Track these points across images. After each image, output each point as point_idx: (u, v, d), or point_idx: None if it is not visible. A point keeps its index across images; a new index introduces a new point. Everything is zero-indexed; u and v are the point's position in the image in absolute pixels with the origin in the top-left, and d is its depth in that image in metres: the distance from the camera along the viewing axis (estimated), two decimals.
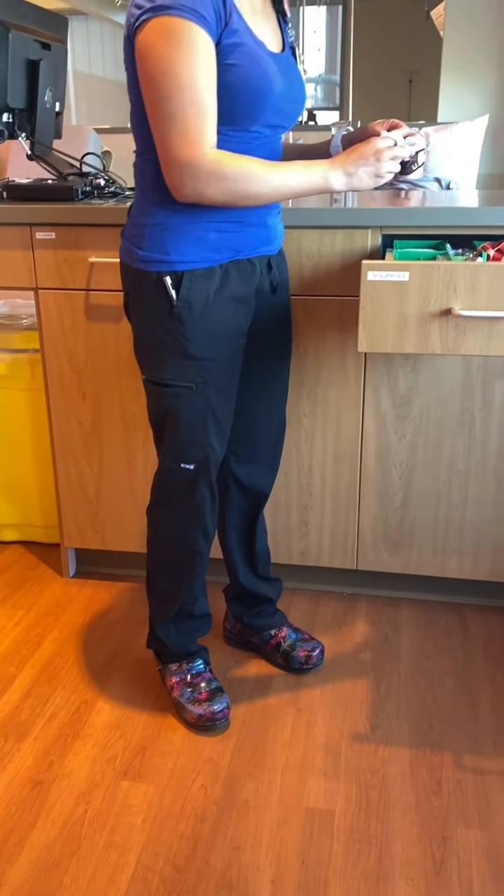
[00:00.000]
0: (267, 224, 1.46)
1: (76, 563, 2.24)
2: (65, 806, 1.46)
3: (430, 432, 1.86)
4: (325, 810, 1.44)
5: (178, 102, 1.22)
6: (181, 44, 1.20)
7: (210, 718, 1.62)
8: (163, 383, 1.46)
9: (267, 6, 1.40)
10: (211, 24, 1.22)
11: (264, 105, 1.31)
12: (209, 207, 1.35)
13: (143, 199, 1.40)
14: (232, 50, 1.25)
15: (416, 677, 1.79)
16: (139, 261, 1.40)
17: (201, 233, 1.37)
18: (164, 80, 1.22)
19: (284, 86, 1.34)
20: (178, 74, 1.21)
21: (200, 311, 1.41)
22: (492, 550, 1.94)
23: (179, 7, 1.19)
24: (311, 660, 1.79)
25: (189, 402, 1.46)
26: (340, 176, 1.31)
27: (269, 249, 1.50)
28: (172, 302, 1.39)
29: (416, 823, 1.41)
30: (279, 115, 1.36)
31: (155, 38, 1.21)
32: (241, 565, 1.79)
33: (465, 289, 1.28)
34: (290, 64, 1.39)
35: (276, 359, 1.63)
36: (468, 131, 3.63)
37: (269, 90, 1.30)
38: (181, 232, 1.37)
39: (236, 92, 1.27)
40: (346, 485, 1.95)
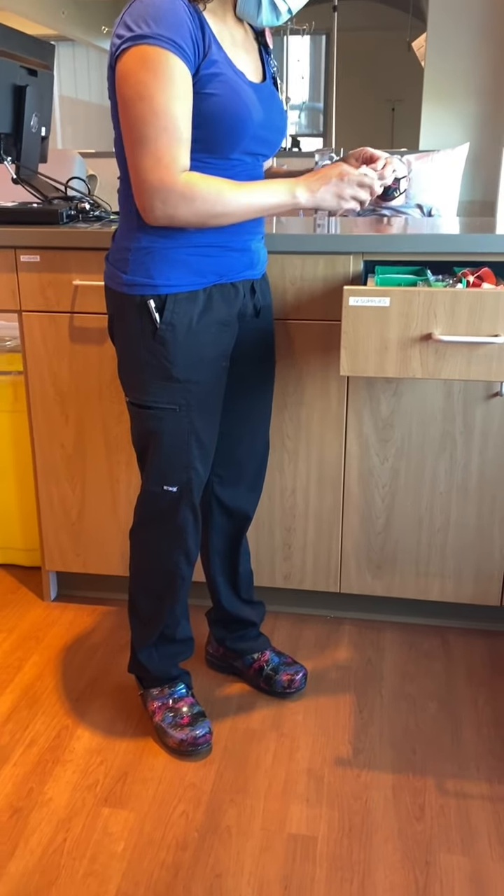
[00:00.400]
0: (250, 249, 1.48)
1: (57, 587, 2.22)
2: (44, 834, 1.44)
3: (412, 456, 1.87)
4: (307, 836, 1.43)
5: (153, 127, 1.24)
6: (158, 71, 1.23)
7: (192, 743, 1.60)
8: (146, 405, 1.47)
9: (248, 38, 1.43)
10: (188, 54, 1.24)
11: (243, 133, 1.33)
12: (192, 232, 1.37)
13: (128, 223, 1.41)
14: (210, 79, 1.28)
15: (399, 701, 1.78)
16: (123, 284, 1.41)
17: (185, 257, 1.39)
18: (140, 105, 1.24)
19: (264, 115, 1.36)
20: (153, 100, 1.23)
21: (184, 334, 1.41)
22: (473, 573, 1.94)
23: (157, 37, 1.22)
24: (294, 684, 1.78)
25: (172, 425, 1.47)
26: (305, 192, 1.34)
27: (253, 274, 1.51)
28: (156, 325, 1.40)
29: (399, 849, 1.40)
30: (259, 143, 1.39)
31: (133, 66, 1.24)
32: (223, 588, 1.78)
33: (445, 314, 1.30)
34: (270, 94, 1.42)
35: (259, 382, 1.64)
36: (449, 159, 3.70)
37: (248, 119, 1.32)
38: (164, 256, 1.38)
39: (215, 120, 1.30)
40: (329, 507, 1.95)
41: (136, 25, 1.23)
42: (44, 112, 2.10)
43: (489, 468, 1.85)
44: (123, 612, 2.14)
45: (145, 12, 1.23)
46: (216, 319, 1.45)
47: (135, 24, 1.23)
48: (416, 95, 4.31)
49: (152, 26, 1.22)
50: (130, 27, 1.24)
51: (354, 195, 1.35)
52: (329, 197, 1.35)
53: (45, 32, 6.99)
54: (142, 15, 1.23)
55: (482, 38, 4.04)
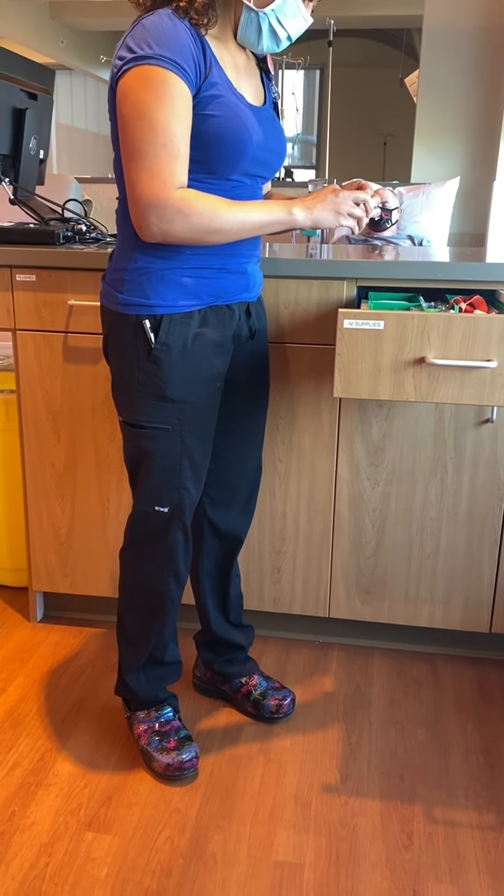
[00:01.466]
0: (246, 272, 1.49)
1: (44, 608, 2.20)
2: (25, 859, 1.41)
3: (403, 480, 1.88)
4: (294, 864, 1.41)
5: (151, 144, 1.26)
6: (158, 91, 1.25)
7: (178, 768, 1.58)
8: (139, 425, 1.47)
9: (251, 64, 1.46)
10: (190, 75, 1.27)
11: (242, 154, 1.35)
12: (188, 253, 1.38)
13: (125, 244, 1.42)
14: (211, 101, 1.30)
15: (388, 727, 1.77)
16: (119, 304, 1.42)
17: (181, 278, 1.40)
18: (140, 122, 1.26)
19: (263, 137, 1.39)
20: (152, 118, 1.25)
21: (178, 355, 1.42)
22: (463, 600, 1.94)
23: (159, 57, 1.24)
24: (281, 709, 1.77)
25: (164, 445, 1.47)
26: (302, 211, 1.36)
27: (249, 296, 1.52)
28: (151, 345, 1.41)
29: (387, 878, 1.38)
30: (258, 165, 1.41)
31: (133, 84, 1.26)
32: (213, 611, 1.77)
33: (439, 338, 1.32)
34: (270, 117, 1.44)
35: (253, 404, 1.65)
36: (440, 192, 3.76)
37: (248, 140, 1.34)
38: (161, 277, 1.39)
39: (214, 141, 1.31)
40: (319, 531, 1.95)
41: (139, 47, 1.25)
42: (42, 135, 2.12)
43: (479, 494, 1.85)
44: (110, 633, 2.12)
45: (148, 35, 1.25)
46: (211, 340, 1.46)
47: (137, 45, 1.26)
48: (407, 130, 4.40)
49: (154, 48, 1.24)
50: (133, 49, 1.26)
51: (350, 212, 1.37)
52: (327, 214, 1.36)
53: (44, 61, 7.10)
54: (144, 37, 1.25)
55: (473, 75, 4.13)
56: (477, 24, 4.04)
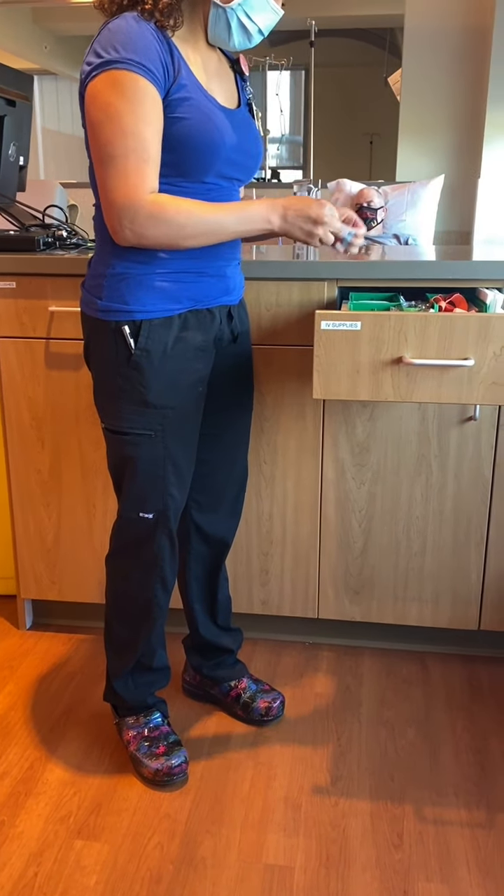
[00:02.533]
0: (226, 275, 1.49)
1: (33, 615, 2.20)
2: (14, 868, 1.40)
3: (389, 479, 1.88)
4: (284, 867, 1.40)
5: (121, 148, 1.26)
6: (126, 94, 1.24)
7: (167, 773, 1.58)
8: (122, 431, 1.46)
9: (223, 65, 1.45)
10: (158, 77, 1.26)
11: (215, 156, 1.34)
12: (167, 257, 1.37)
13: (103, 249, 1.42)
14: (180, 103, 1.29)
15: (378, 727, 1.77)
16: (98, 310, 1.42)
17: (160, 283, 1.39)
18: (109, 126, 1.25)
19: (237, 139, 1.38)
20: (122, 122, 1.25)
21: (159, 360, 1.42)
22: (451, 597, 1.94)
23: (126, 61, 1.24)
24: (271, 711, 1.76)
25: (148, 451, 1.46)
26: (278, 218, 1.35)
27: (230, 300, 1.52)
28: (131, 350, 1.40)
29: (377, 878, 1.38)
30: (233, 167, 1.40)
31: (101, 89, 1.25)
32: (201, 615, 1.77)
33: (416, 338, 1.32)
34: (244, 119, 1.44)
35: (237, 407, 1.64)
36: (425, 190, 3.76)
37: (219, 142, 1.34)
38: (140, 282, 1.39)
39: (186, 143, 1.31)
40: (306, 532, 1.95)
41: (105, 51, 1.25)
42: (22, 141, 2.12)
43: (464, 491, 1.86)
44: (100, 640, 2.11)
45: (114, 38, 1.25)
46: (192, 345, 1.45)
47: (104, 50, 1.25)
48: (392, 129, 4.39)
49: (121, 51, 1.24)
50: (100, 54, 1.25)
51: (323, 238, 1.37)
52: (299, 232, 1.36)
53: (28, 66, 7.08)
54: (110, 41, 1.25)
55: (455, 73, 4.13)
56: (458, 22, 4.04)
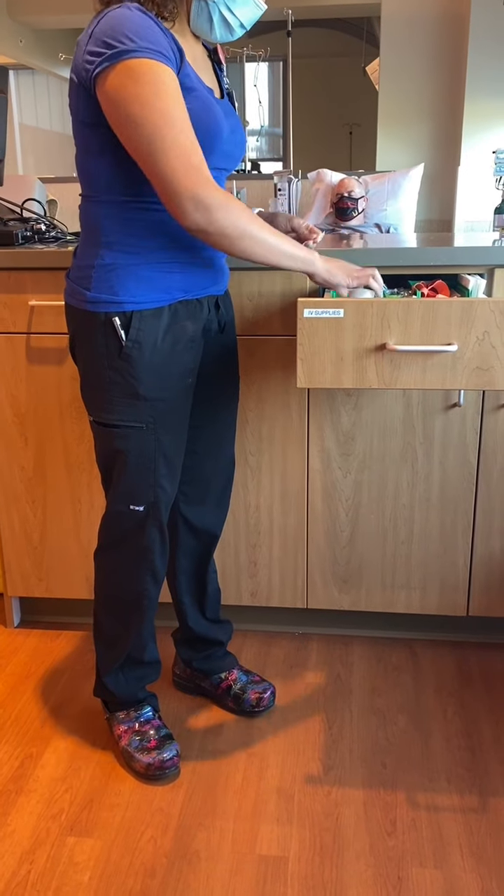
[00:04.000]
0: (214, 265, 1.47)
1: (21, 613, 2.18)
2: (7, 867, 1.39)
3: (375, 468, 1.88)
4: (278, 857, 1.40)
5: (169, 135, 1.22)
6: (151, 82, 1.20)
7: (159, 767, 1.57)
8: (112, 424, 1.45)
9: (204, 56, 1.44)
10: (173, 61, 1.24)
11: (214, 146, 1.34)
12: (155, 247, 1.36)
13: (90, 240, 1.39)
14: (186, 94, 1.27)
15: (369, 715, 1.77)
16: (87, 302, 1.39)
17: (149, 273, 1.38)
18: (149, 115, 1.20)
19: (228, 130, 1.38)
20: (160, 108, 1.21)
21: (150, 351, 1.40)
22: (439, 584, 1.95)
23: (141, 49, 1.20)
24: (262, 702, 1.76)
25: (139, 443, 1.45)
26: (322, 262, 1.41)
27: (217, 290, 1.51)
28: (122, 342, 1.38)
29: (371, 866, 1.38)
30: (225, 157, 1.40)
31: (123, 81, 1.20)
32: (190, 609, 1.76)
33: (399, 324, 1.31)
34: (229, 109, 1.43)
35: (224, 398, 1.63)
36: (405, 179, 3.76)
37: (220, 133, 1.33)
38: (129, 273, 1.37)
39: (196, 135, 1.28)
40: (293, 523, 1.94)
41: (116, 41, 1.20)
42: None
43: (450, 478, 1.86)
44: (88, 636, 2.10)
45: (122, 27, 1.20)
46: (182, 336, 1.44)
47: (113, 40, 1.20)
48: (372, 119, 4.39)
49: (136, 40, 1.19)
50: (110, 44, 1.20)
51: (361, 282, 1.45)
52: (341, 275, 1.43)
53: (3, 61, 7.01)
54: (118, 30, 1.20)
55: (433, 61, 4.13)
56: (435, 10, 4.04)
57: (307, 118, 8.00)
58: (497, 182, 2.32)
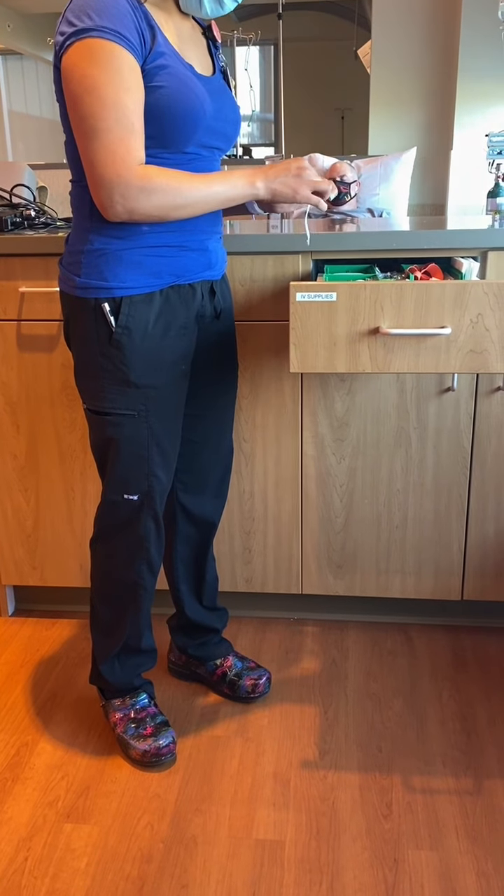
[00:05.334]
0: (208, 249, 1.46)
1: (15, 601, 2.18)
2: (4, 854, 1.40)
3: (369, 454, 1.87)
4: (274, 841, 1.41)
5: (104, 121, 1.22)
6: (104, 63, 1.20)
7: (155, 754, 1.57)
8: (104, 412, 1.44)
9: (196, 33, 1.42)
10: (134, 45, 1.23)
11: (195, 125, 1.32)
12: (146, 232, 1.34)
13: (80, 225, 1.38)
14: (158, 72, 1.26)
15: (364, 700, 1.77)
16: (77, 288, 1.38)
17: (140, 258, 1.36)
18: (89, 99, 1.22)
19: (215, 107, 1.35)
20: (102, 94, 1.21)
21: (140, 338, 1.39)
22: (433, 569, 1.95)
23: (100, 28, 1.20)
24: (257, 688, 1.76)
25: (131, 431, 1.44)
26: (263, 182, 1.33)
27: (212, 275, 1.49)
28: (111, 328, 1.37)
29: (368, 848, 1.39)
30: (213, 135, 1.37)
31: (78, 60, 1.21)
32: (187, 596, 1.76)
33: (392, 307, 1.30)
34: (221, 87, 1.41)
35: (221, 386, 1.62)
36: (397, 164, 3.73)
37: (199, 110, 1.31)
38: (119, 258, 1.35)
39: (165, 113, 1.28)
40: (288, 509, 1.94)
41: (79, 19, 1.21)
42: None
43: (444, 463, 1.85)
44: (83, 623, 2.10)
45: (86, 5, 1.21)
46: (174, 322, 1.42)
47: (77, 18, 1.21)
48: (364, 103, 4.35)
49: (95, 19, 1.20)
50: (73, 22, 1.22)
51: (306, 198, 1.35)
52: (286, 191, 1.34)
53: None
54: (83, 8, 1.21)
55: (426, 44, 4.10)
56: None
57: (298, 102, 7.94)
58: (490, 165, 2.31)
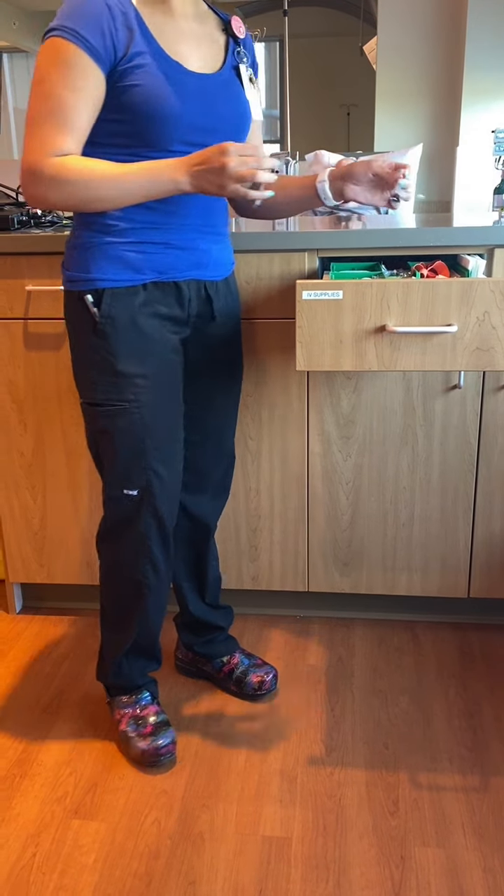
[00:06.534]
0: (198, 248, 1.44)
1: (22, 599, 2.18)
2: (12, 850, 1.40)
3: (375, 451, 1.87)
4: (281, 838, 1.41)
5: (40, 114, 1.25)
6: (56, 61, 1.24)
7: (154, 754, 1.57)
8: (96, 403, 1.44)
9: (205, 28, 1.41)
10: (94, 46, 1.24)
11: (172, 123, 1.30)
12: (128, 226, 1.36)
13: (75, 221, 1.42)
14: (133, 70, 1.27)
15: (371, 697, 1.78)
16: (67, 281, 1.41)
17: (122, 253, 1.37)
18: (35, 92, 1.26)
19: (205, 104, 1.34)
20: (46, 88, 1.25)
21: (124, 327, 1.39)
22: (440, 566, 1.95)
23: (62, 28, 1.24)
24: (264, 685, 1.77)
25: (124, 423, 1.44)
26: (187, 178, 1.25)
27: (202, 275, 1.47)
28: (95, 319, 1.39)
29: (374, 845, 1.39)
30: (202, 133, 1.35)
31: (40, 56, 1.27)
32: (190, 594, 1.76)
33: (398, 305, 1.30)
34: (222, 83, 1.39)
35: (221, 389, 1.61)
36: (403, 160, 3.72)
37: (175, 107, 1.29)
38: (102, 251, 1.37)
39: (138, 110, 1.28)
40: (294, 507, 1.94)
41: (55, 18, 1.26)
42: None
43: (451, 460, 1.85)
44: (90, 621, 2.11)
45: (65, 5, 1.26)
46: (157, 313, 1.42)
47: (56, 17, 1.26)
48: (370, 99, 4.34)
49: (62, 18, 1.25)
50: (52, 21, 1.27)
51: (234, 192, 1.23)
52: (211, 188, 1.24)
53: None
54: (62, 8, 1.26)
55: (432, 39, 4.08)
56: None
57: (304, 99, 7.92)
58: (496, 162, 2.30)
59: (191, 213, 1.40)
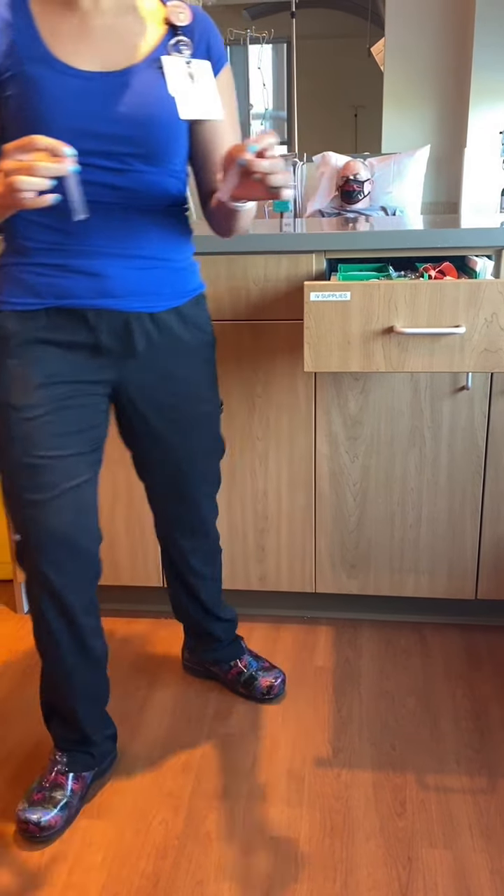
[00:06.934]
0: (99, 274, 1.27)
1: None
2: (21, 849, 1.41)
3: (382, 452, 1.87)
4: (288, 838, 1.41)
5: None
6: None
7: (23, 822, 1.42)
8: None
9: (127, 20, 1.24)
10: None
11: (55, 130, 1.14)
12: (33, 249, 1.27)
13: None
14: (10, 80, 1.18)
15: (378, 698, 1.78)
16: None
17: (24, 276, 1.28)
18: None
19: (91, 107, 1.19)
20: None
21: (8, 353, 1.29)
22: (447, 568, 1.95)
23: None
24: (273, 689, 1.76)
25: (5, 456, 1.31)
26: None
27: (109, 304, 1.29)
28: None
29: (381, 846, 1.39)
30: (97, 139, 1.19)
31: None
32: (191, 608, 1.72)
33: (406, 307, 1.30)
34: (121, 83, 1.21)
35: (162, 435, 1.44)
36: (411, 161, 3.73)
37: (46, 112, 1.17)
38: (8, 274, 1.29)
39: (14, 123, 1.19)
40: (301, 508, 1.95)
41: None
42: None
43: (458, 462, 1.85)
44: None
45: None
46: (55, 342, 1.29)
47: None
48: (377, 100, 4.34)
49: None
50: None
51: (20, 203, 1.04)
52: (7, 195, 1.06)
53: None
54: None
55: (439, 40, 4.08)
56: None
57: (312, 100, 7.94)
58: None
59: (91, 235, 1.25)
